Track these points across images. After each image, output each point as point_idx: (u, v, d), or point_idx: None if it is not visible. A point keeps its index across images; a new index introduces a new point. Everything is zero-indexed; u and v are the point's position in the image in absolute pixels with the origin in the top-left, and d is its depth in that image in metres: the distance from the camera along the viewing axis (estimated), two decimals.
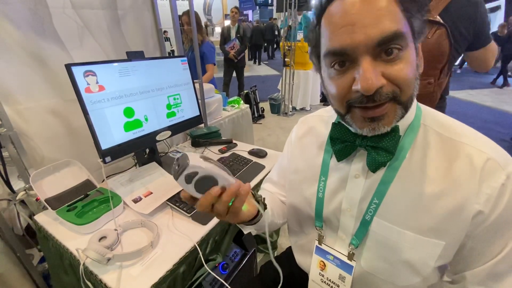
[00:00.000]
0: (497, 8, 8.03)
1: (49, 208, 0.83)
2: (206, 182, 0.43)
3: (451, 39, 0.89)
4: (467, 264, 0.47)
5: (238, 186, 0.44)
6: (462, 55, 1.09)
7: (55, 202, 0.85)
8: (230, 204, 0.46)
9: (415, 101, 0.48)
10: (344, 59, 0.40)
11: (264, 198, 0.58)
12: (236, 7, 4.05)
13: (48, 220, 0.86)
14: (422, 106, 0.51)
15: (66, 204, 0.85)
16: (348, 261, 0.56)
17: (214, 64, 2.70)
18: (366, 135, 0.46)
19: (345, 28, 0.38)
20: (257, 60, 9.89)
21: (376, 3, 0.37)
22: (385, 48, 0.38)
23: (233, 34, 3.97)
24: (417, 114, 0.49)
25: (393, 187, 0.48)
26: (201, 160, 0.43)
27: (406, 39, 0.39)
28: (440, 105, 1.09)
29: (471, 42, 1.00)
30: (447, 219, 0.44)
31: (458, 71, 7.79)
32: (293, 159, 0.66)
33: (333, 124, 0.52)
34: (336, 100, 0.44)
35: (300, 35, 4.22)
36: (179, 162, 0.42)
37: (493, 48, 1.05)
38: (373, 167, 0.47)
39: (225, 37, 4.04)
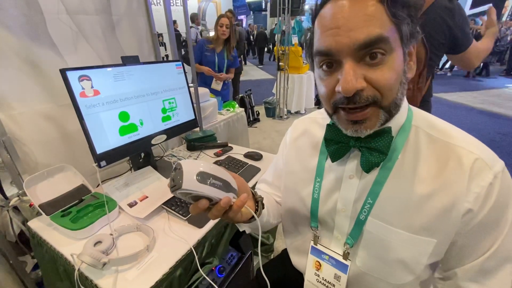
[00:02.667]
0: (484, 13, 8.26)
1: (43, 213, 0.82)
2: (200, 197, 0.44)
3: (426, 46, 0.91)
4: (458, 261, 0.48)
5: (227, 203, 0.45)
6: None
7: (49, 208, 0.85)
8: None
9: (405, 103, 0.50)
10: (330, 60, 0.42)
11: (262, 198, 0.59)
12: (230, 10, 3.81)
13: (42, 226, 0.85)
14: (413, 108, 0.53)
15: (61, 210, 0.85)
16: (343, 261, 0.57)
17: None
18: (359, 136, 0.47)
19: (332, 30, 0.40)
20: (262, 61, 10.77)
21: (363, 9, 0.39)
22: (369, 51, 0.39)
23: None
24: (408, 116, 0.50)
25: (387, 187, 0.49)
26: (196, 182, 0.42)
27: (390, 44, 0.40)
28: (425, 107, 1.11)
29: (450, 47, 1.02)
30: (438, 218, 0.45)
31: (449, 74, 7.96)
32: (288, 161, 0.67)
33: (328, 125, 0.53)
34: (324, 100, 0.47)
35: (294, 39, 4.27)
36: (174, 178, 0.43)
37: (476, 49, 1.07)
38: (367, 167, 0.48)
39: None
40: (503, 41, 7.55)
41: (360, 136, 0.45)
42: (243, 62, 4.24)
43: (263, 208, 0.59)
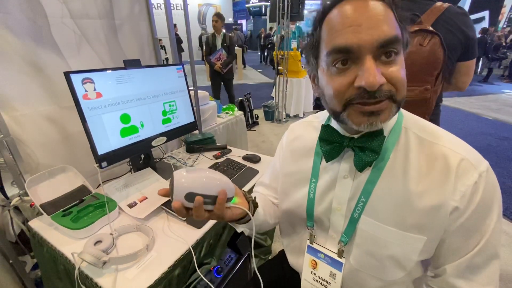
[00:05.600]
0: (481, 19, 8.39)
1: (44, 213, 0.83)
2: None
3: (445, 47, 0.93)
4: (447, 258, 0.50)
5: (199, 202, 0.48)
6: None
7: (50, 208, 0.86)
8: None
9: None
10: (347, 57, 0.43)
11: (255, 197, 0.61)
12: (216, 14, 3.55)
13: (42, 226, 0.86)
14: (404, 112, 0.55)
15: (61, 209, 0.86)
16: (338, 258, 0.59)
17: None
18: (353, 137, 0.50)
19: (352, 27, 0.41)
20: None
21: (378, 10, 0.41)
22: (385, 50, 0.41)
23: (218, 44, 3.63)
24: (398, 118, 0.53)
25: (378, 186, 0.51)
26: (184, 200, 0.48)
27: (401, 45, 0.43)
28: (435, 111, 1.12)
29: (464, 51, 1.03)
30: (427, 216, 0.47)
31: None
32: (284, 163, 0.69)
33: (323, 126, 0.55)
34: (335, 97, 0.46)
35: (293, 44, 4.31)
36: (170, 188, 0.49)
37: (474, 63, 1.09)
38: (360, 166, 0.50)
39: (210, 47, 3.68)
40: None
41: (374, 129, 0.46)
42: (234, 67, 4.06)
43: (255, 207, 0.61)
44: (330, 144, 0.54)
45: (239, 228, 0.63)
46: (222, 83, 3.89)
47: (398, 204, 0.49)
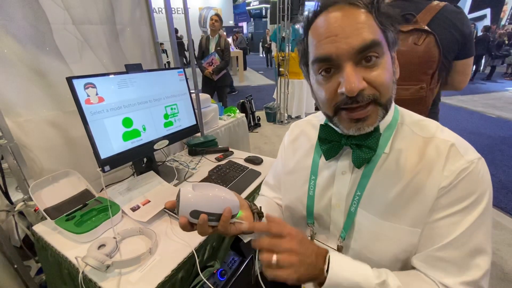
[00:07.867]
0: (483, 17, 8.36)
1: (48, 218, 0.84)
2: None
3: (440, 46, 0.93)
4: (423, 244, 0.49)
5: (203, 220, 0.49)
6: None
7: (54, 212, 0.87)
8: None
9: (393, 103, 0.53)
10: (329, 66, 0.45)
11: (260, 207, 0.61)
12: (217, 15, 3.24)
13: (46, 230, 0.87)
14: (400, 108, 0.56)
15: (65, 214, 0.87)
16: None
17: None
18: (351, 135, 0.51)
19: (330, 38, 0.43)
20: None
21: (355, 18, 0.43)
22: (365, 55, 0.43)
23: (212, 47, 3.25)
24: (394, 115, 0.54)
25: (373, 180, 0.52)
26: (189, 216, 0.50)
27: (382, 48, 0.44)
28: (433, 110, 1.12)
29: (460, 50, 1.03)
30: (419, 206, 0.48)
31: None
32: (286, 162, 0.70)
33: (321, 125, 0.57)
34: (325, 104, 0.49)
35: (287, 49, 4.31)
36: (176, 203, 0.51)
37: (472, 61, 1.09)
38: (358, 163, 0.52)
39: (202, 50, 3.32)
40: None
41: (362, 133, 0.48)
42: (231, 73, 3.61)
43: (261, 217, 0.61)
44: (329, 143, 0.56)
45: (246, 239, 0.63)
46: (216, 92, 3.46)
47: (392, 197, 0.50)
